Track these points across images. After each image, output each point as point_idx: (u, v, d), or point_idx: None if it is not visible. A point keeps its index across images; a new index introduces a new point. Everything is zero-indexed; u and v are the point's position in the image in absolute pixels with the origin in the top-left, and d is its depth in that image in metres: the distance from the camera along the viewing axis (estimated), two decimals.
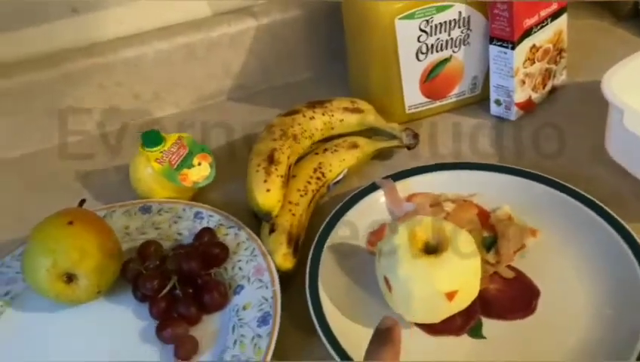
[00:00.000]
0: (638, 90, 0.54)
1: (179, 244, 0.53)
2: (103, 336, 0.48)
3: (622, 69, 0.56)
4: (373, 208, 0.54)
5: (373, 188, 0.55)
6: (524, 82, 0.63)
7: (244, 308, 0.48)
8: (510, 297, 0.48)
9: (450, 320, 0.45)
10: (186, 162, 0.57)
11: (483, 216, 0.54)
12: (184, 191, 0.57)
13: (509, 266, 0.50)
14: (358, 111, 0.62)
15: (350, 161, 0.59)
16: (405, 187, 0.55)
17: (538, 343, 0.45)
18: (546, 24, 0.62)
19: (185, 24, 0.69)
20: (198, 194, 0.59)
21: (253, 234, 0.52)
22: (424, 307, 0.44)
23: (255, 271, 0.50)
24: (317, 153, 0.59)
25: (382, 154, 0.62)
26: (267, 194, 0.52)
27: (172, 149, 0.57)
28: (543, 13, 0.61)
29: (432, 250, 0.44)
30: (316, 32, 0.72)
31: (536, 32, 0.61)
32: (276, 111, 0.62)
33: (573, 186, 0.53)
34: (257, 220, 0.54)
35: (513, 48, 0.60)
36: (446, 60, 0.63)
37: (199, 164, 0.58)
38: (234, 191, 0.59)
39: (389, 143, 0.61)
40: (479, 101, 0.66)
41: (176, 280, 0.49)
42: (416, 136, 0.61)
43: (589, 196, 0.52)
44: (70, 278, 0.48)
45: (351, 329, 0.46)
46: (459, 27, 0.61)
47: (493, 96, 0.64)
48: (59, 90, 0.66)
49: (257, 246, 0.51)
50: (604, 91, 0.54)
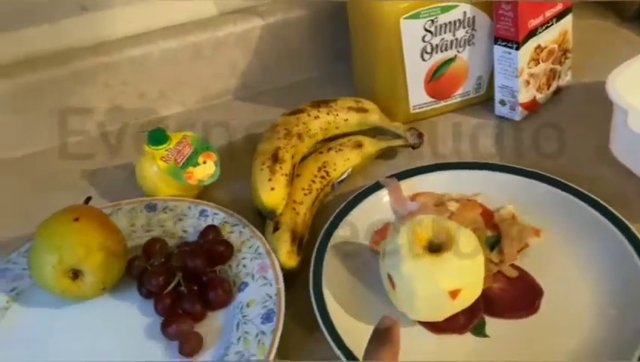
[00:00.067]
0: None
1: (184, 242, 0.54)
2: (108, 332, 0.49)
3: (626, 69, 0.56)
4: (378, 207, 0.54)
5: (377, 187, 0.55)
6: (529, 82, 0.63)
7: (248, 305, 0.48)
8: (513, 296, 0.48)
9: (454, 318, 0.45)
10: (192, 160, 0.57)
11: (487, 215, 0.54)
12: (189, 189, 0.58)
13: (513, 265, 0.50)
14: (363, 110, 0.62)
15: (354, 161, 0.59)
16: (409, 186, 0.56)
17: (541, 342, 0.45)
18: (551, 24, 0.62)
19: (191, 23, 0.69)
20: (203, 193, 0.59)
21: (258, 232, 0.53)
22: (427, 305, 0.44)
23: (259, 268, 0.50)
24: (321, 152, 0.59)
25: (386, 154, 0.62)
26: (271, 192, 0.53)
27: (177, 148, 0.57)
28: (548, 13, 0.61)
29: (435, 248, 0.45)
30: (321, 32, 0.72)
31: (541, 32, 0.61)
32: (281, 111, 0.62)
33: (577, 186, 0.53)
34: (262, 218, 0.54)
35: (518, 49, 0.60)
36: (451, 60, 0.63)
37: (204, 162, 0.58)
38: (239, 190, 0.59)
39: (394, 143, 0.61)
40: (484, 101, 0.67)
41: (181, 277, 0.49)
42: (420, 136, 0.61)
43: (593, 196, 0.52)
44: (76, 274, 0.48)
45: (354, 327, 0.46)
46: (464, 27, 0.61)
47: (498, 96, 0.64)
48: (66, 89, 0.66)
49: (262, 244, 0.51)
50: (609, 92, 0.54)
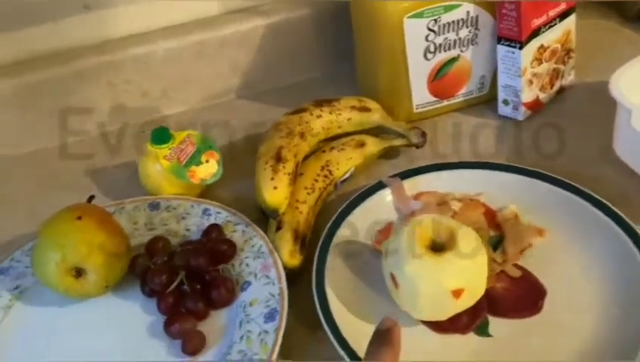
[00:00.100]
0: None
1: (187, 240, 0.54)
2: (110, 331, 0.49)
3: (630, 69, 0.56)
4: (380, 206, 0.54)
5: (380, 186, 0.55)
6: (532, 82, 0.63)
7: (251, 304, 0.48)
8: (517, 296, 0.48)
9: (457, 318, 0.45)
10: (194, 159, 0.57)
11: (489, 215, 0.54)
12: (192, 188, 0.58)
13: (516, 265, 0.50)
14: (366, 109, 0.62)
15: (357, 160, 0.59)
16: (412, 186, 0.55)
17: (544, 342, 0.45)
18: (555, 24, 0.62)
19: (194, 22, 0.69)
20: (206, 192, 0.59)
21: (261, 231, 0.53)
22: (430, 304, 0.44)
23: (262, 267, 0.50)
24: (324, 151, 0.59)
25: (389, 153, 0.62)
26: (274, 191, 0.53)
27: (181, 146, 0.57)
28: (552, 13, 0.61)
29: (438, 248, 0.45)
30: (324, 32, 0.72)
31: (544, 32, 0.61)
32: (284, 110, 0.62)
33: (580, 186, 0.53)
34: (264, 217, 0.54)
35: (521, 48, 0.60)
36: (454, 60, 0.63)
37: (207, 161, 0.58)
38: (241, 189, 0.59)
39: (397, 142, 0.61)
40: (486, 101, 0.66)
41: (184, 276, 0.49)
42: (424, 135, 0.61)
43: (596, 196, 0.52)
44: (79, 273, 0.48)
45: (357, 327, 0.46)
46: (467, 27, 0.61)
47: (501, 95, 0.64)
48: (69, 88, 0.66)
49: (264, 243, 0.51)
50: (612, 91, 0.54)
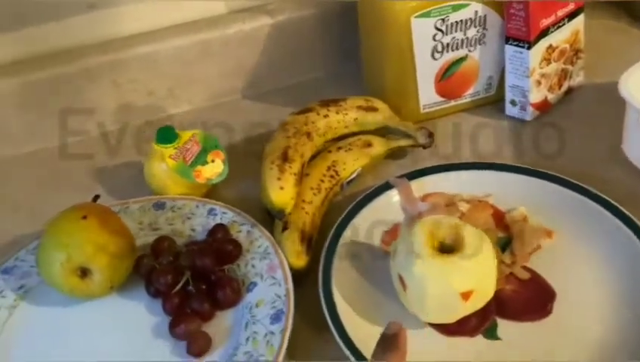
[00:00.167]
0: None
1: (192, 241, 0.53)
2: (115, 332, 0.48)
3: (639, 69, 0.55)
4: (387, 207, 0.54)
5: (387, 187, 0.55)
6: (540, 83, 0.62)
7: (257, 305, 0.47)
8: (526, 298, 0.47)
9: (465, 320, 0.45)
10: (200, 159, 0.57)
11: (498, 216, 0.53)
12: (197, 187, 0.57)
13: (525, 267, 0.49)
14: (373, 109, 0.62)
15: (364, 160, 0.58)
16: (419, 186, 0.55)
17: (554, 345, 0.44)
18: (563, 24, 0.62)
19: (200, 21, 0.69)
20: (211, 191, 0.59)
21: (266, 232, 0.52)
22: (439, 306, 0.43)
23: (268, 268, 0.49)
24: (330, 151, 0.59)
25: (396, 154, 0.61)
26: (281, 191, 0.52)
27: (186, 146, 0.57)
28: (560, 13, 0.61)
29: (447, 249, 0.44)
30: (330, 31, 0.72)
31: (552, 32, 0.61)
32: (289, 110, 0.61)
33: (589, 187, 0.53)
34: (270, 218, 0.54)
35: (529, 48, 0.59)
36: (461, 59, 0.62)
37: (212, 161, 0.58)
38: (247, 189, 0.58)
39: (404, 142, 0.61)
40: (494, 102, 0.66)
41: (190, 276, 0.49)
42: (431, 136, 0.60)
43: (606, 197, 0.52)
44: (84, 273, 0.48)
45: (364, 328, 0.45)
46: (475, 26, 0.61)
47: (509, 96, 0.64)
48: (74, 87, 0.66)
49: (270, 244, 0.51)
50: (622, 92, 0.54)
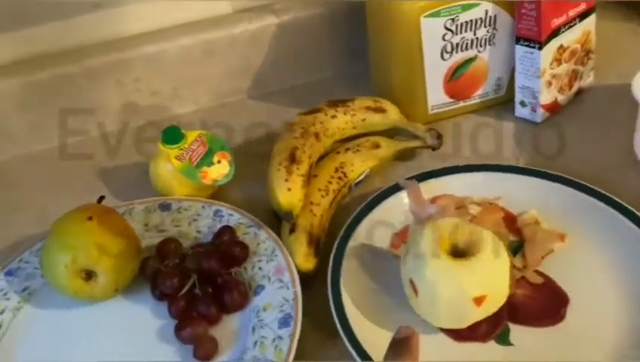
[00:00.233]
0: None
1: (198, 243, 0.52)
2: (120, 335, 0.48)
3: None
4: (397, 209, 0.53)
5: (396, 188, 0.54)
6: (551, 83, 0.62)
7: (265, 308, 0.47)
8: (538, 303, 0.46)
9: (477, 325, 0.44)
10: (206, 160, 0.56)
11: (509, 219, 0.52)
12: (203, 188, 0.57)
13: (537, 271, 0.48)
14: (381, 110, 0.61)
15: (372, 161, 0.58)
16: (429, 189, 0.54)
17: (568, 351, 0.43)
18: (574, 24, 0.61)
19: (205, 21, 0.68)
20: (217, 193, 0.58)
21: (274, 234, 0.51)
22: (451, 311, 0.43)
23: (275, 271, 0.49)
24: (338, 152, 0.58)
25: (404, 155, 0.61)
26: (288, 193, 0.51)
27: (192, 147, 0.56)
28: (572, 13, 0.60)
29: (459, 253, 0.43)
30: (337, 31, 0.71)
31: (564, 32, 0.60)
32: (295, 110, 0.61)
33: (600, 189, 0.52)
34: (277, 220, 0.53)
35: (540, 48, 0.59)
36: (471, 60, 0.62)
37: (219, 161, 0.57)
38: (253, 190, 0.58)
39: (412, 144, 0.60)
40: (503, 103, 0.65)
41: (196, 279, 0.48)
42: (440, 137, 0.59)
43: (618, 200, 0.51)
44: (89, 275, 0.47)
45: (373, 332, 0.45)
46: (484, 26, 0.60)
47: (519, 97, 0.63)
48: (79, 86, 0.65)
49: (277, 246, 0.50)
50: (635, 92, 0.53)
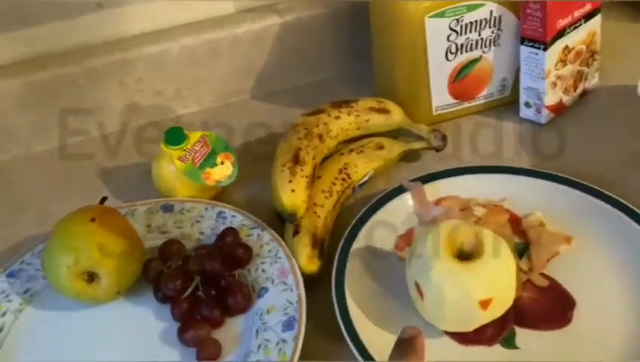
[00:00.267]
0: None
1: (201, 244, 0.52)
2: (122, 337, 0.47)
3: None
4: (401, 211, 0.53)
5: (400, 190, 0.54)
6: (556, 84, 0.61)
7: (268, 311, 0.46)
8: (544, 306, 0.46)
9: (482, 329, 0.43)
10: (209, 161, 0.56)
11: (514, 221, 0.52)
12: (206, 190, 0.56)
13: (543, 274, 0.48)
14: (385, 111, 0.60)
15: (376, 163, 0.57)
16: (433, 190, 0.54)
17: (574, 355, 0.43)
18: (580, 25, 0.60)
19: (208, 21, 0.68)
20: (220, 194, 0.58)
21: (277, 236, 0.51)
22: (457, 314, 0.42)
23: (279, 273, 0.48)
24: (342, 153, 0.58)
25: (408, 156, 0.60)
26: (292, 194, 0.51)
27: (195, 148, 0.56)
28: (577, 13, 0.60)
29: (465, 255, 0.43)
30: (340, 31, 0.71)
31: (569, 32, 0.60)
32: (299, 111, 0.60)
33: (607, 191, 0.51)
34: (281, 221, 0.53)
35: (545, 49, 0.58)
36: (475, 61, 0.61)
37: (222, 162, 0.57)
38: (256, 191, 0.57)
39: (417, 145, 0.60)
40: (507, 103, 0.65)
41: (199, 281, 0.48)
42: (444, 138, 0.59)
43: (625, 202, 0.50)
44: (92, 277, 0.47)
45: (378, 335, 0.44)
46: (489, 27, 0.60)
47: (523, 98, 0.62)
48: (81, 86, 0.65)
49: (281, 248, 0.50)
50: None
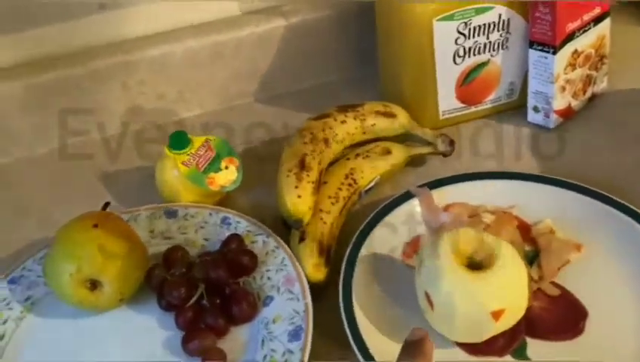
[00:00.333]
0: None
1: (205, 251, 0.51)
2: (125, 346, 0.46)
3: None
4: (408, 218, 0.52)
5: (407, 196, 0.53)
6: (565, 88, 0.60)
7: (274, 321, 0.45)
8: (556, 316, 0.45)
9: (493, 340, 0.42)
10: (214, 165, 0.55)
11: (524, 228, 0.51)
12: (210, 195, 0.55)
13: (554, 283, 0.47)
14: (391, 115, 0.60)
15: (383, 168, 0.56)
16: (441, 196, 0.53)
17: None
18: (589, 28, 0.60)
19: (213, 23, 0.67)
20: (224, 199, 0.57)
21: (283, 242, 0.50)
22: (468, 325, 0.41)
23: (285, 281, 0.47)
24: (348, 158, 0.57)
25: (415, 161, 0.59)
26: (298, 200, 0.50)
27: (199, 152, 0.55)
28: (586, 17, 0.59)
29: (476, 265, 0.42)
30: (345, 34, 0.70)
31: (578, 36, 0.59)
32: (304, 114, 0.60)
33: (617, 198, 0.51)
34: (286, 227, 0.52)
35: (555, 53, 0.57)
36: (483, 64, 0.60)
37: (226, 167, 0.56)
38: (261, 197, 0.57)
39: (423, 150, 0.59)
40: (515, 108, 0.64)
41: (204, 289, 0.47)
42: (451, 143, 0.58)
43: (634, 208, 0.50)
44: (94, 285, 0.46)
45: (386, 345, 0.43)
46: (498, 30, 0.59)
47: (532, 102, 0.62)
48: (83, 89, 0.64)
49: (287, 256, 0.49)
50: None
